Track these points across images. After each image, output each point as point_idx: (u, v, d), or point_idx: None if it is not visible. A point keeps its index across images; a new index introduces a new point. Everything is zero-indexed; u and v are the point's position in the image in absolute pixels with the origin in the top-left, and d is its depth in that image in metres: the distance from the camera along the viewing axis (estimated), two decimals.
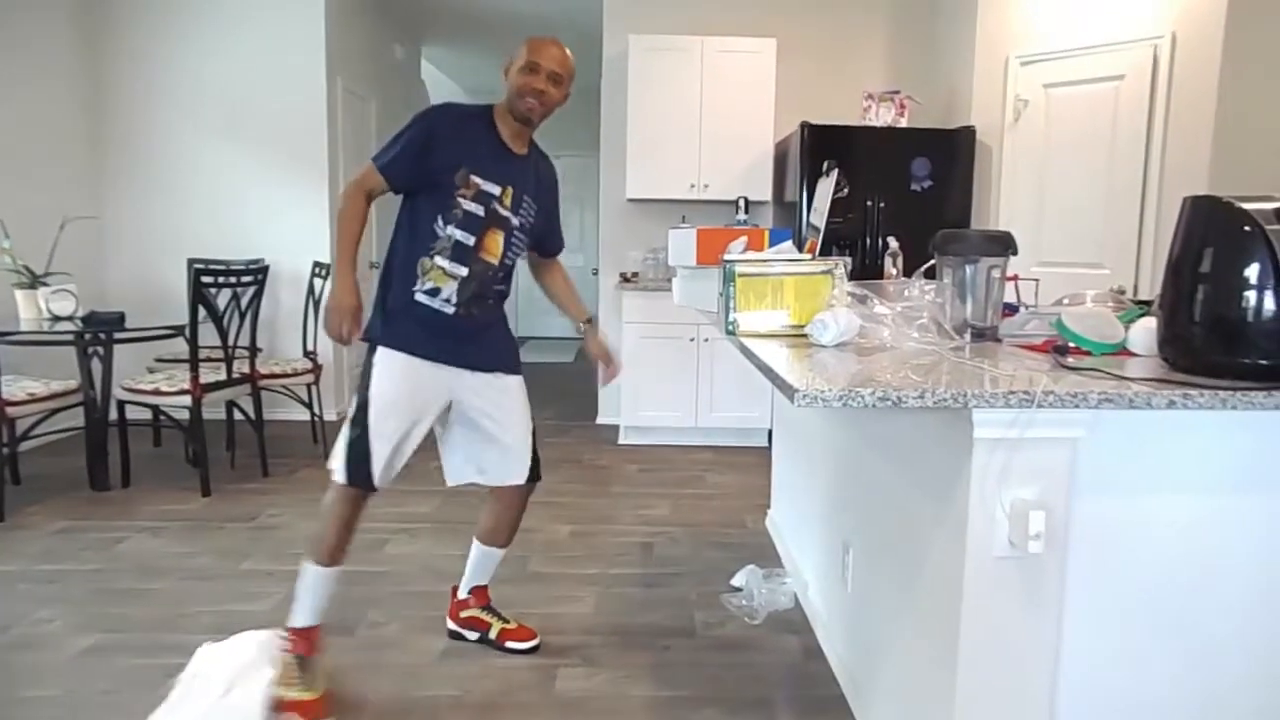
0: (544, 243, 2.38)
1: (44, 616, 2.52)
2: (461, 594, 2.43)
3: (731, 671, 2.26)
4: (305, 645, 2.08)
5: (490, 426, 2.24)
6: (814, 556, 2.58)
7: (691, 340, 4.62)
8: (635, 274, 4.97)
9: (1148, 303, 1.93)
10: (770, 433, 4.62)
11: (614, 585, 2.82)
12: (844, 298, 1.91)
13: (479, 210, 2.10)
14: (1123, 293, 2.06)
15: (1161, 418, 1.40)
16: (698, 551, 3.15)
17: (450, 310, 2.12)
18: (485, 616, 2.41)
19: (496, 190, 2.12)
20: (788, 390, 1.37)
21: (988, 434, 1.38)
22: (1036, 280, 2.17)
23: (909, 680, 1.72)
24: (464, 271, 2.10)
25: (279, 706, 1.98)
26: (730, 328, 2.02)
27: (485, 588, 2.45)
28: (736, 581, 2.77)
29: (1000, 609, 1.44)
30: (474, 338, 2.19)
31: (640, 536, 3.29)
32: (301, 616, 2.10)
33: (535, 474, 2.32)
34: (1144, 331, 1.68)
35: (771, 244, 2.55)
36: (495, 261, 2.15)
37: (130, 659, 2.29)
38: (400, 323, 2.12)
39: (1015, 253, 1.86)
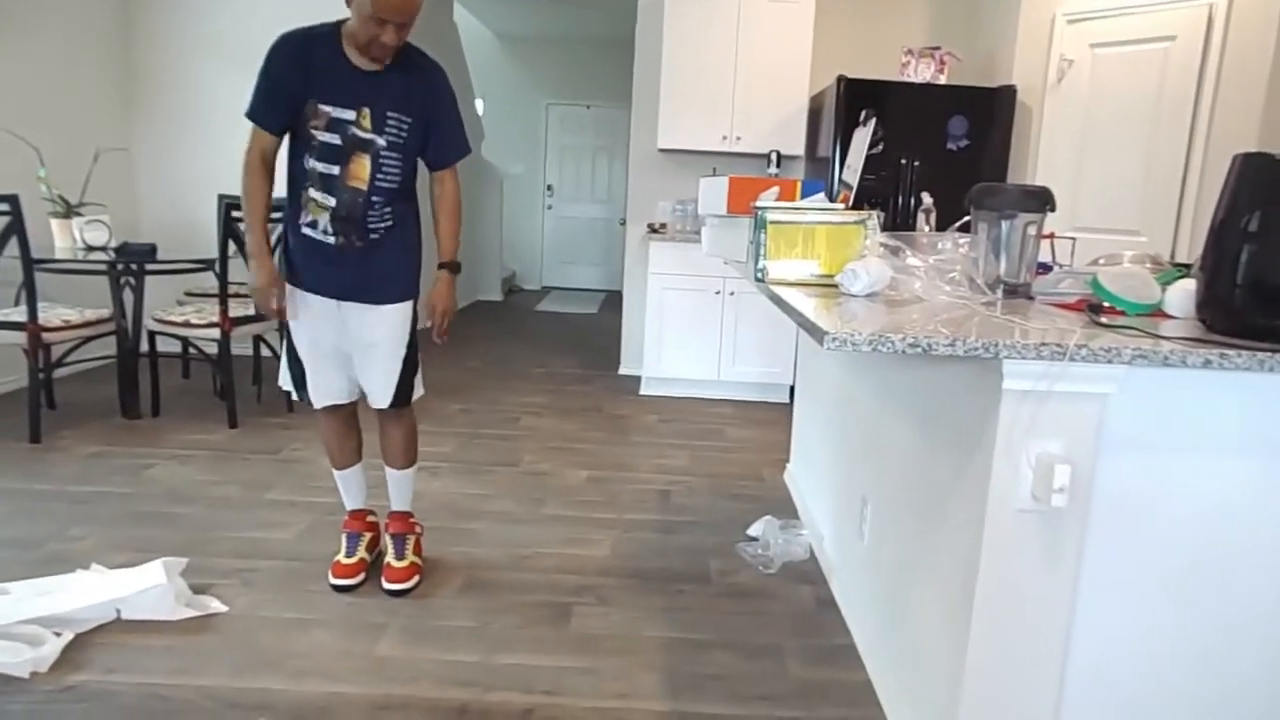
0: (428, 153, 2.23)
1: (75, 534, 2.59)
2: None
3: (744, 618, 2.29)
4: (348, 524, 2.49)
5: (361, 355, 2.28)
6: (831, 509, 2.59)
7: (717, 293, 4.60)
8: (663, 225, 4.94)
9: (1186, 265, 1.89)
10: (792, 389, 4.62)
11: (630, 530, 2.85)
12: (876, 249, 1.89)
13: (334, 139, 2.10)
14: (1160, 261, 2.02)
15: (1196, 377, 1.39)
16: (715, 501, 3.17)
17: (331, 240, 2.16)
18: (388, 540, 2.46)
19: (351, 115, 2.09)
20: (817, 334, 1.36)
21: (1017, 385, 1.37)
22: (1073, 239, 2.13)
23: (922, 632, 1.74)
24: (333, 201, 2.12)
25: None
26: (759, 275, 2.00)
27: (399, 513, 2.49)
28: (753, 531, 2.79)
29: (1018, 563, 1.44)
30: (357, 267, 2.18)
31: (658, 485, 3.31)
32: (346, 503, 2.52)
33: (398, 400, 2.31)
34: (1182, 293, 1.65)
35: (804, 195, 2.52)
36: (364, 187, 2.13)
37: None
38: (294, 256, 2.24)
39: (1053, 208, 1.82)
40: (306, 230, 2.17)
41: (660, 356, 4.69)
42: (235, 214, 3.56)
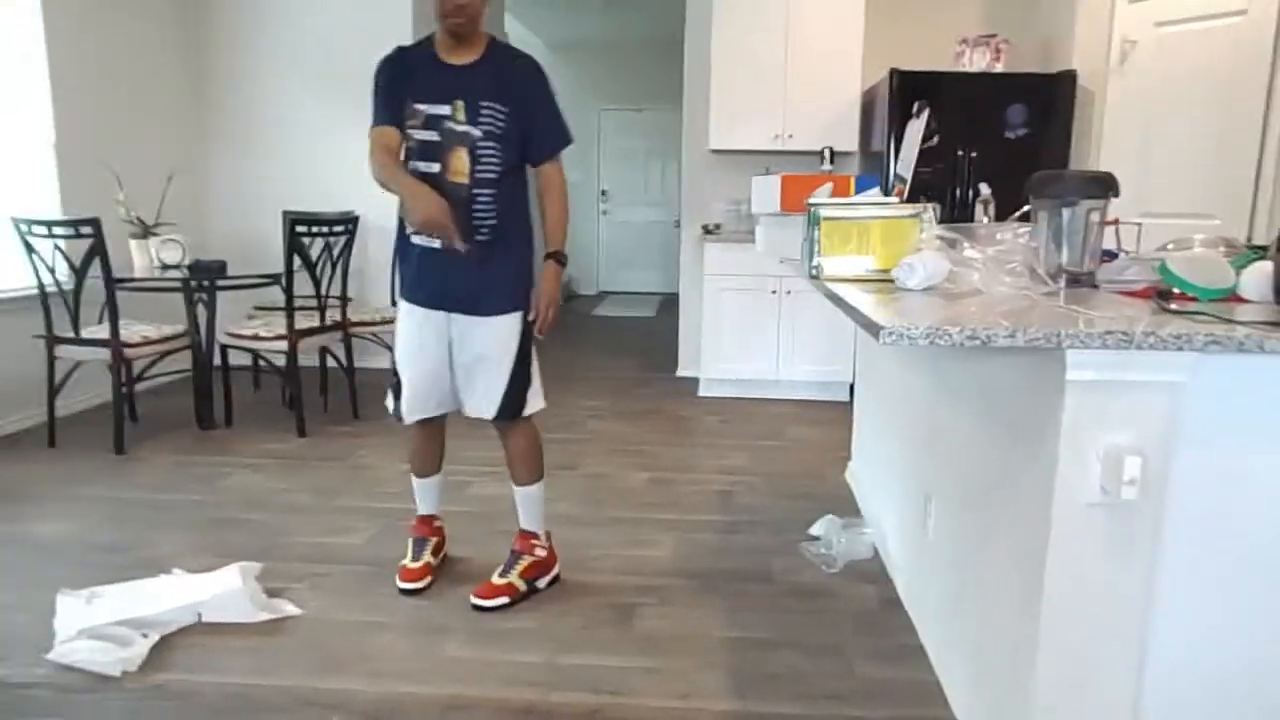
0: (530, 147, 2.20)
1: (158, 540, 2.70)
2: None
3: (808, 617, 2.27)
4: (416, 529, 2.53)
5: (466, 367, 2.26)
6: (894, 506, 2.55)
7: (773, 293, 4.58)
8: (718, 225, 4.93)
9: (1263, 248, 1.82)
10: (852, 387, 4.56)
11: (692, 531, 2.85)
12: (932, 242, 1.86)
13: (432, 136, 2.12)
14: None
15: (1275, 364, 1.33)
16: (776, 501, 3.15)
17: (438, 244, 2.12)
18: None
19: (445, 109, 2.11)
20: (872, 329, 1.35)
21: (1081, 376, 1.34)
22: (1139, 224, 2.07)
23: (990, 631, 1.70)
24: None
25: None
26: (814, 272, 1.99)
27: (523, 531, 2.42)
28: (815, 530, 2.77)
29: (1089, 558, 1.40)
30: (465, 274, 2.14)
31: (719, 485, 3.31)
32: (419, 508, 2.55)
33: (504, 412, 2.26)
34: (1259, 276, 1.59)
35: (858, 191, 2.50)
36: (465, 181, 2.12)
37: None
38: (405, 269, 2.27)
39: (1117, 194, 1.77)
40: (415, 239, 2.18)
41: (718, 357, 4.69)
42: (299, 229, 3.68)
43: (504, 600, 2.31)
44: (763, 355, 4.65)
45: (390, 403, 2.37)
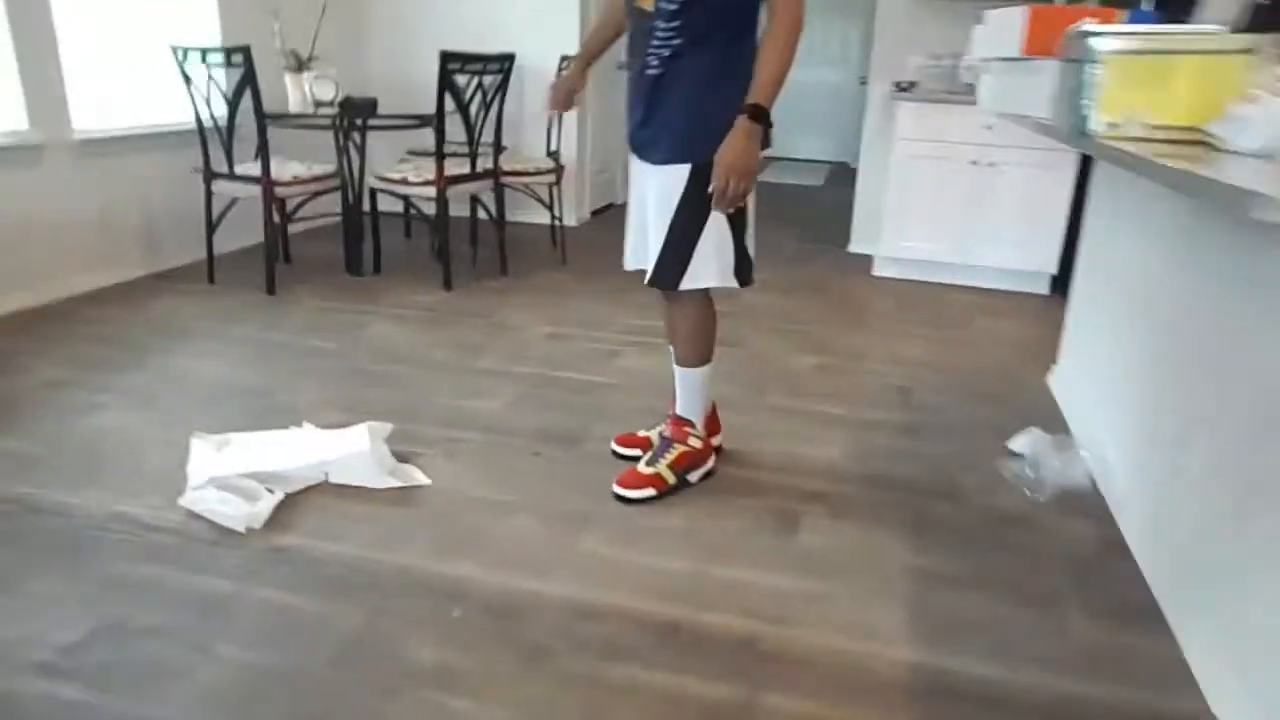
0: None
1: (297, 388, 2.59)
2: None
3: (1007, 553, 1.89)
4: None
5: (642, 215, 2.01)
6: (1126, 430, 2.09)
7: (973, 163, 3.95)
8: (912, 83, 4.27)
9: None
10: (1054, 279, 3.96)
11: (865, 430, 2.48)
12: (1276, 85, 1.33)
13: None
14: None
15: None
16: (964, 403, 2.72)
17: (629, 73, 1.93)
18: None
19: None
20: (1239, 198, 0.90)
21: None
22: None
23: (1269, 597, 1.28)
24: (629, 26, 1.90)
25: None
26: (1083, 127, 1.50)
27: (676, 417, 2.13)
28: (1016, 445, 2.34)
29: None
30: (642, 110, 1.89)
31: (895, 378, 2.90)
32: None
33: (657, 278, 1.95)
34: None
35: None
36: (649, 8, 1.79)
37: None
38: None
39: None
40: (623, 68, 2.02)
41: (901, 234, 4.15)
42: (450, 66, 3.38)
43: (650, 492, 2.04)
44: (951, 234, 4.07)
45: None
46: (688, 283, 1.93)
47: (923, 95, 4.02)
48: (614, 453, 2.25)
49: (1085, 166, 3.54)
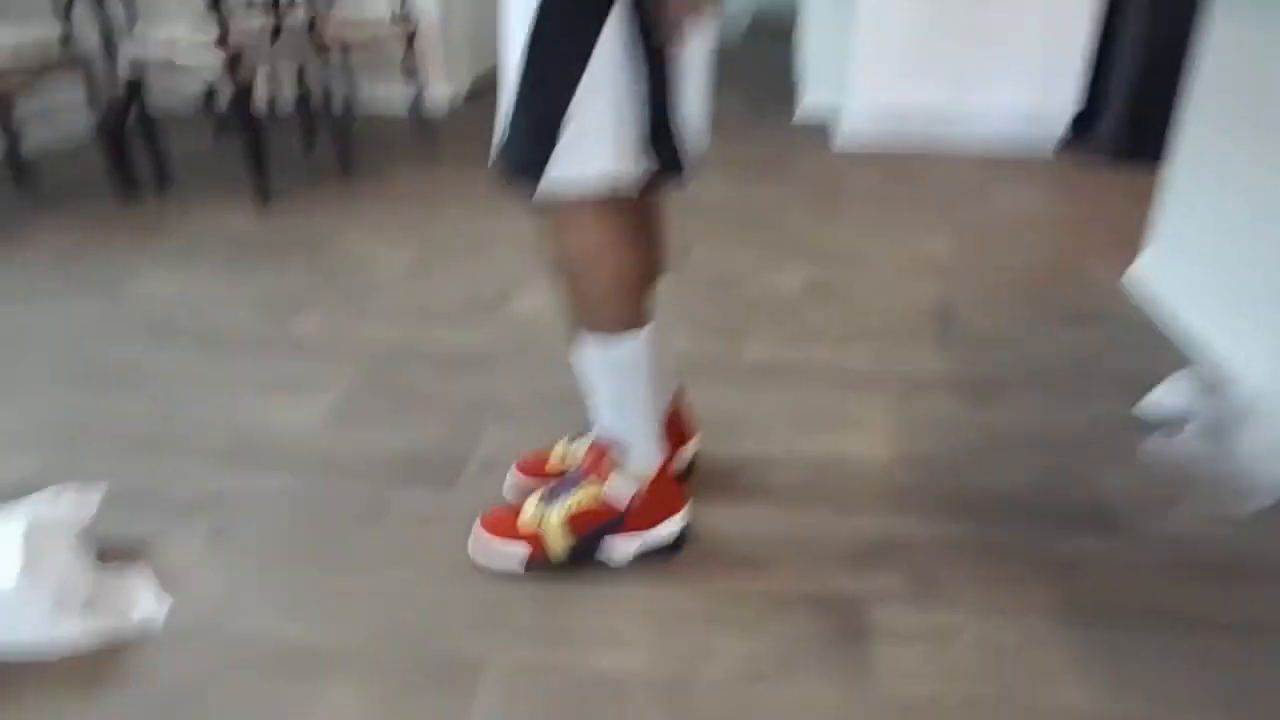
0: None
1: None
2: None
3: (1252, 662, 1.04)
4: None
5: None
6: None
7: None
8: None
9: None
10: (1079, 118, 3.06)
11: (910, 396, 1.58)
12: None
13: None
14: None
15: None
16: (1031, 331, 1.84)
17: None
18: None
19: None
20: None
21: None
22: None
23: None
24: None
25: None
26: None
27: (594, 442, 1.18)
28: (1157, 409, 1.48)
29: None
30: None
31: (921, 295, 1.99)
32: None
33: (504, 166, 0.98)
34: None
35: None
36: None
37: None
38: None
39: None
40: None
41: (873, 79, 3.16)
42: None
43: (514, 556, 1.14)
44: (939, 76, 3.10)
45: None
46: (556, 172, 0.95)
47: None
48: (512, 487, 1.31)
49: None
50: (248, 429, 1.47)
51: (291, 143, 3.08)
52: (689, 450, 1.33)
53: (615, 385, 1.10)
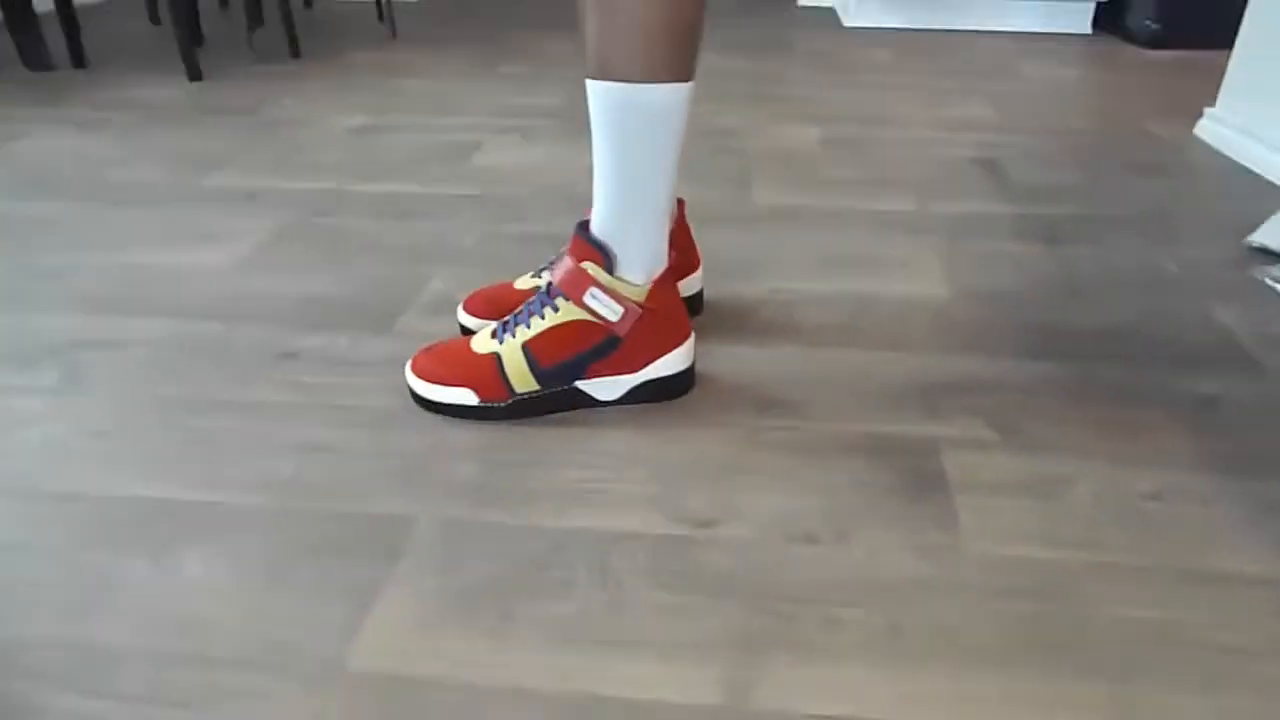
0: None
1: None
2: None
3: None
4: None
5: None
6: None
7: None
8: None
9: None
10: (1100, 5, 2.75)
11: (964, 235, 1.28)
12: None
13: None
14: None
15: None
16: (1104, 179, 1.54)
17: None
18: None
19: None
20: None
21: None
22: None
23: None
24: None
25: None
26: None
27: (578, 238, 0.89)
28: (1274, 233, 1.18)
29: None
30: None
31: (962, 153, 1.69)
32: None
33: None
34: None
35: None
36: None
37: None
38: None
39: None
40: None
41: None
42: None
43: (458, 396, 0.85)
44: None
45: None
46: None
47: None
48: (462, 328, 1.00)
49: None
50: (128, 281, 1.16)
51: (238, 28, 2.72)
52: (694, 282, 1.02)
53: (635, 145, 0.78)
